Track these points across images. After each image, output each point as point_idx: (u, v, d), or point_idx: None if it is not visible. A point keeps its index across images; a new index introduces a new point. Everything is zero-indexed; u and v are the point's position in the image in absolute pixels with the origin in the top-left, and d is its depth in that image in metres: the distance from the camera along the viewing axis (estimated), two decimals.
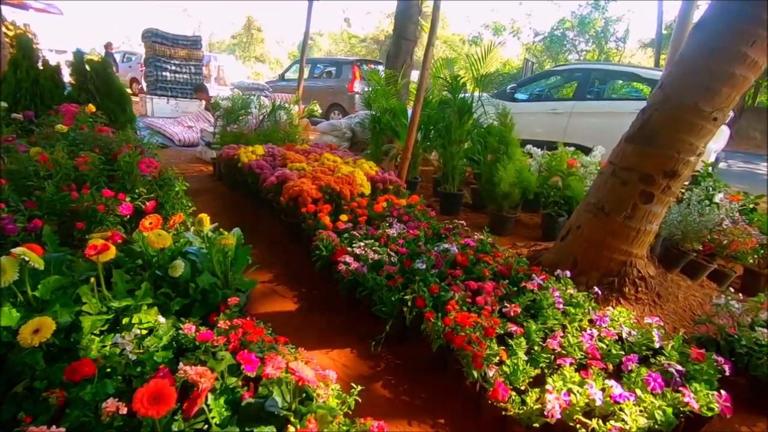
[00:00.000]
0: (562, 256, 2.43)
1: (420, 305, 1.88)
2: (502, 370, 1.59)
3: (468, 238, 2.50)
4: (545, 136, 5.82)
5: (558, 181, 3.34)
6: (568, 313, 1.92)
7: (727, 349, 1.77)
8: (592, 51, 21.86)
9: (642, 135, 2.22)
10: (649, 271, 2.30)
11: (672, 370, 1.58)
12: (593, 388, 1.44)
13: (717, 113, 2.07)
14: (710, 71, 2.04)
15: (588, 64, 7.33)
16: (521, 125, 6.10)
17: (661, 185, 2.18)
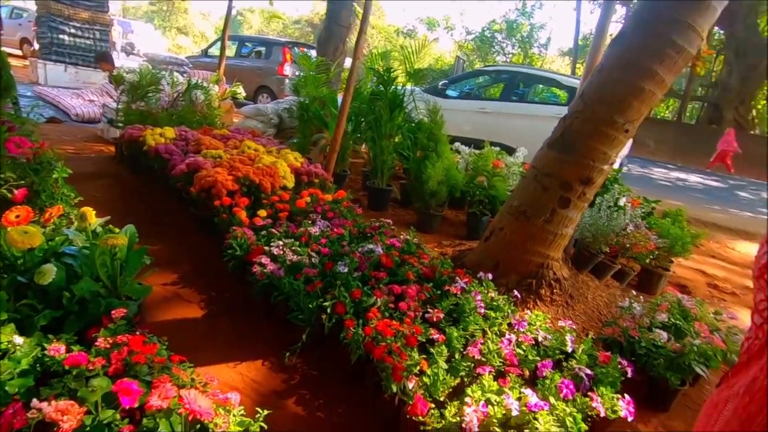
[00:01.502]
0: (485, 258, 2.45)
1: (340, 312, 1.76)
2: (422, 381, 1.53)
3: (394, 237, 2.42)
4: (474, 134, 5.94)
5: (483, 180, 3.40)
6: (488, 317, 1.92)
7: (629, 350, 1.87)
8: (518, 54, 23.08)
9: (562, 142, 2.29)
10: (564, 273, 2.40)
11: (582, 374, 1.63)
12: (510, 398, 1.43)
13: (628, 125, 2.18)
14: (624, 84, 2.13)
15: (514, 66, 7.65)
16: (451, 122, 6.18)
17: (577, 191, 2.26)
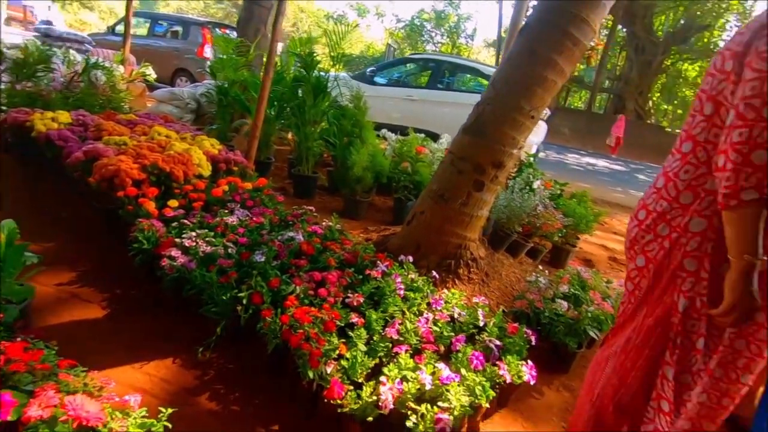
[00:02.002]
0: (407, 241, 2.50)
1: (257, 302, 1.71)
2: (340, 365, 1.54)
3: (316, 225, 2.39)
4: (402, 122, 6.02)
5: (408, 166, 3.47)
6: (408, 298, 1.97)
7: (535, 320, 2.03)
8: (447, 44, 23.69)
9: (476, 127, 2.39)
10: (480, 252, 2.53)
11: (492, 345, 1.74)
12: (424, 373, 1.48)
13: (534, 112, 2.33)
14: (529, 73, 2.27)
15: (440, 55, 7.84)
16: (380, 109, 6.23)
17: (490, 175, 2.38)
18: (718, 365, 1.09)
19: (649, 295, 1.18)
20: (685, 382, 1.16)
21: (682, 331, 1.11)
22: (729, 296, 0.99)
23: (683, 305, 1.09)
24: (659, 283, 1.15)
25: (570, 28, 2.21)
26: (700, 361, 1.12)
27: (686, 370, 1.15)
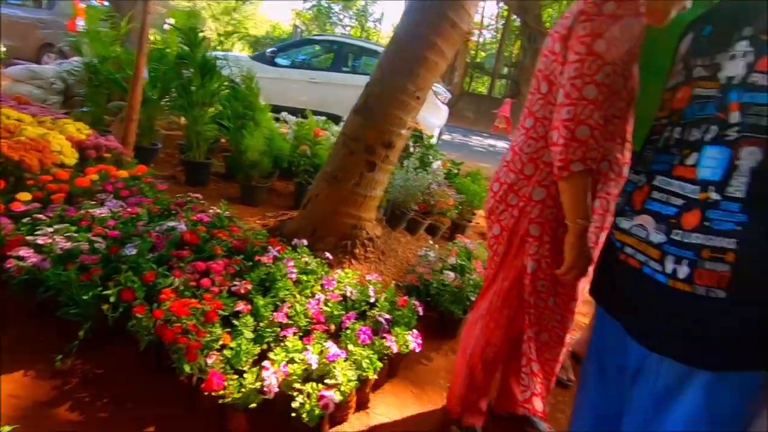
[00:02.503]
0: (303, 225, 2.47)
1: (128, 298, 1.57)
2: (224, 356, 1.48)
3: (203, 213, 2.25)
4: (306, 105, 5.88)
5: (306, 149, 3.40)
6: (301, 281, 1.95)
7: (425, 291, 2.14)
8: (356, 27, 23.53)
9: (365, 108, 2.41)
10: (377, 232, 2.58)
11: (381, 319, 1.80)
12: (310, 353, 1.49)
13: (419, 92, 2.41)
14: (413, 54, 2.33)
15: (343, 38, 7.74)
16: (282, 91, 6.03)
17: (381, 155, 2.42)
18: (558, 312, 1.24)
19: (505, 260, 1.30)
20: (544, 339, 1.29)
21: (533, 292, 1.24)
22: (568, 256, 1.11)
23: (531, 267, 1.22)
24: (512, 248, 1.27)
25: (448, 12, 2.30)
26: (553, 318, 1.27)
27: (544, 329, 1.28)
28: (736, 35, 0.82)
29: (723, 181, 0.78)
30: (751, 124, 0.76)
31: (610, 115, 1.08)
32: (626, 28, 1.00)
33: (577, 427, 1.14)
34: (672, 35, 1.05)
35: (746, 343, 0.77)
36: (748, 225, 0.75)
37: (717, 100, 0.83)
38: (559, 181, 1.09)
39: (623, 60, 1.02)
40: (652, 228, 0.88)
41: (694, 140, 0.86)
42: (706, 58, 0.88)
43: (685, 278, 0.80)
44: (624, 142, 1.15)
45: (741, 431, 0.80)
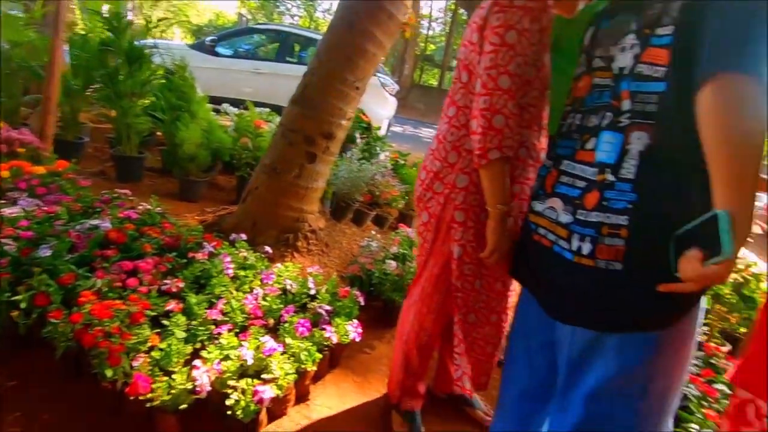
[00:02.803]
0: (243, 219, 2.41)
1: (42, 303, 1.45)
2: (152, 357, 1.42)
3: (132, 209, 2.13)
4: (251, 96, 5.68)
5: (248, 141, 3.30)
6: (239, 277, 1.90)
7: (368, 281, 2.15)
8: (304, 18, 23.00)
9: (303, 99, 2.37)
10: (320, 224, 2.56)
11: (321, 311, 1.79)
12: (245, 348, 1.46)
13: (358, 83, 2.40)
14: (350, 44, 2.31)
15: (289, 27, 7.54)
16: (223, 82, 5.79)
17: (321, 146, 2.40)
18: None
19: (434, 246, 1.33)
20: (471, 321, 1.33)
21: (460, 276, 1.28)
22: (490, 240, 1.15)
23: (457, 252, 1.25)
24: (439, 235, 1.30)
25: (384, 2, 2.30)
26: (479, 300, 1.31)
27: (471, 310, 1.33)
28: (626, 29, 0.88)
29: (617, 164, 0.83)
30: (638, 110, 0.82)
31: (525, 103, 1.13)
32: (536, 20, 1.04)
33: (504, 399, 1.20)
34: (583, 26, 1.10)
35: (642, 307, 0.84)
36: (637, 203, 0.81)
37: (611, 89, 0.88)
38: (479, 169, 1.13)
39: (534, 51, 1.06)
40: (560, 209, 0.93)
41: (592, 126, 0.91)
42: (603, 50, 0.93)
43: (589, 254, 0.85)
44: (540, 129, 1.21)
45: (646, 385, 0.88)
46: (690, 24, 0.76)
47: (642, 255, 0.81)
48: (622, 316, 0.86)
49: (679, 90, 0.75)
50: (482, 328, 1.31)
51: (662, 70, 0.79)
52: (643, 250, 0.81)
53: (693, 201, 0.77)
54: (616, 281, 0.83)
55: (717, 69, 0.68)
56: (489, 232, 1.15)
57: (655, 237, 0.79)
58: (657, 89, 0.80)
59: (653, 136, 0.80)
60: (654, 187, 0.80)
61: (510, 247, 1.17)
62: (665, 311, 0.84)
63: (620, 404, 0.89)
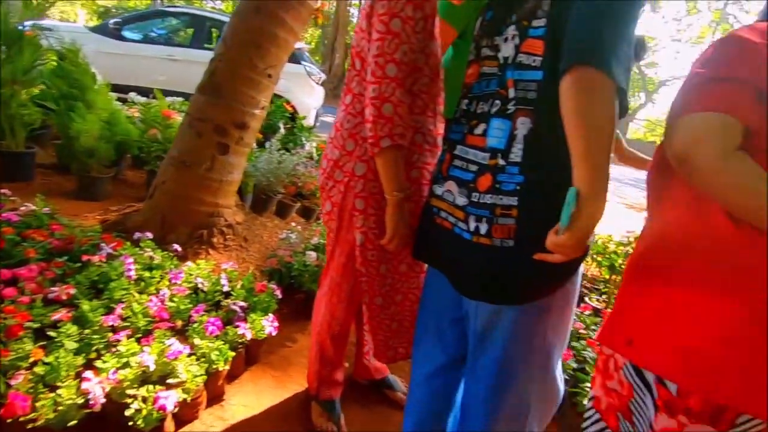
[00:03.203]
0: (151, 216, 2.24)
1: None
2: (35, 374, 1.28)
3: (13, 211, 1.89)
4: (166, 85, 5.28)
5: (156, 133, 3.07)
6: (144, 279, 1.77)
7: (288, 274, 2.11)
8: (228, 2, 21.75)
9: (211, 86, 2.24)
10: (237, 218, 2.46)
11: (235, 308, 1.72)
12: (146, 354, 1.36)
13: (270, 70, 2.31)
14: (259, 29, 2.21)
15: (203, 11, 7.08)
16: (133, 69, 5.34)
17: (234, 137, 2.29)
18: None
19: (339, 235, 1.32)
20: (378, 303, 1.34)
21: (364, 262, 1.28)
22: (389, 227, 1.16)
23: (360, 240, 1.25)
24: (343, 223, 1.29)
25: None
26: (385, 284, 1.32)
27: (378, 294, 1.33)
28: (507, 20, 0.92)
29: (506, 149, 0.88)
30: (521, 98, 0.87)
31: (416, 90, 1.15)
32: (419, 8, 1.05)
33: (417, 377, 1.22)
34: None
35: (533, 280, 0.91)
36: (524, 184, 0.86)
37: (498, 77, 0.93)
38: (374, 157, 1.13)
39: (419, 38, 1.07)
40: (456, 192, 0.97)
41: (481, 112, 0.96)
42: (489, 40, 0.98)
43: (485, 233, 0.90)
44: (435, 115, 1.23)
45: (543, 345, 0.98)
46: (559, 17, 0.81)
47: (530, 232, 0.86)
48: (518, 289, 0.93)
49: (554, 78, 0.79)
50: (388, 308, 1.33)
51: (539, 60, 0.85)
52: (531, 228, 0.86)
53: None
54: (510, 257, 0.89)
55: (572, 62, 0.73)
56: (387, 218, 1.16)
57: (541, 214, 0.85)
58: (535, 77, 0.85)
59: (535, 121, 0.86)
60: (537, 168, 0.86)
61: (411, 231, 1.18)
62: (553, 281, 0.92)
63: (523, 364, 0.98)
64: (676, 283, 0.77)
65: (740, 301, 0.70)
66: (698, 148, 0.69)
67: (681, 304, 0.75)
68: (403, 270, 1.30)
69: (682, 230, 0.79)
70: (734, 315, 0.70)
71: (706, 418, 0.73)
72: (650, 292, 0.81)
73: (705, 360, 0.71)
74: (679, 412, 0.75)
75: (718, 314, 0.71)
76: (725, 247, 0.72)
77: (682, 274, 0.77)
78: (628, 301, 0.86)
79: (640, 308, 0.82)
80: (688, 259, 0.77)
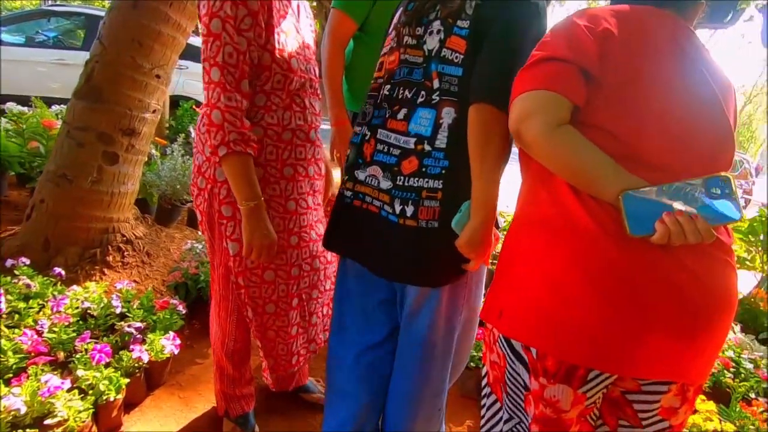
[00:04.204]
0: (31, 239, 2.00)
1: None
2: None
3: None
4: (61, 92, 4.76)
5: (38, 146, 2.75)
6: (18, 310, 1.57)
7: (195, 287, 1.98)
8: None
9: (89, 90, 2.03)
10: (137, 232, 2.27)
11: (130, 330, 1.58)
12: (11, 398, 1.20)
13: (158, 70, 2.14)
14: (140, 27, 2.04)
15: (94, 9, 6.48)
16: (16, 77, 4.76)
17: (123, 144, 2.10)
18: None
19: (214, 245, 1.23)
20: (271, 311, 1.27)
21: (243, 271, 1.19)
22: (245, 240, 1.09)
23: (233, 249, 1.16)
24: (215, 233, 1.20)
25: None
26: (276, 290, 1.25)
27: (268, 302, 1.26)
28: (432, 14, 0.95)
29: (432, 136, 0.94)
30: (445, 89, 0.93)
31: (268, 89, 1.09)
32: (239, 5, 0.98)
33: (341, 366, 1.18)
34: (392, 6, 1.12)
35: (456, 259, 0.97)
36: (449, 168, 0.93)
37: (423, 68, 0.96)
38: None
39: (251, 36, 1.01)
40: (380, 177, 0.99)
41: (403, 98, 0.98)
42: (413, 30, 0.98)
43: (411, 215, 0.95)
44: (305, 109, 1.19)
45: (462, 318, 1.07)
46: (480, 29, 0.89)
47: (453, 214, 0.93)
48: (443, 271, 0.99)
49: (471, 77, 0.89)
50: (285, 314, 1.27)
51: (461, 57, 0.91)
52: (453, 210, 0.93)
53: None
54: (435, 238, 0.95)
55: (475, 99, 0.86)
56: (243, 230, 1.09)
57: (462, 197, 0.92)
58: (456, 73, 0.92)
59: (458, 111, 0.92)
60: (462, 154, 0.90)
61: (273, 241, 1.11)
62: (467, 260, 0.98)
63: (448, 336, 1.07)
64: (531, 254, 0.81)
65: (578, 266, 0.74)
66: (527, 123, 0.75)
67: (533, 272, 0.79)
68: (296, 274, 1.25)
69: (529, 203, 0.85)
70: (574, 279, 0.74)
71: (561, 378, 0.77)
72: (513, 263, 0.85)
73: (552, 322, 0.75)
74: (540, 374, 0.79)
75: (560, 279, 0.75)
76: (567, 218, 0.76)
77: (533, 244, 0.81)
78: (499, 274, 0.89)
79: (507, 280, 0.86)
80: (539, 228, 0.81)
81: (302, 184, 1.18)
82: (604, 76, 0.75)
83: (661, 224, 0.68)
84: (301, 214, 1.21)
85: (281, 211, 1.18)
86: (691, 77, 0.77)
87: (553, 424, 0.81)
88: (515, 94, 0.79)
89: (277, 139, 1.12)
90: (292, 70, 1.11)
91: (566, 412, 0.80)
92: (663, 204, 0.69)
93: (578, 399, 0.78)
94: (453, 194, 0.93)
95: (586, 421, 0.84)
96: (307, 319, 1.34)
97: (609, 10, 0.80)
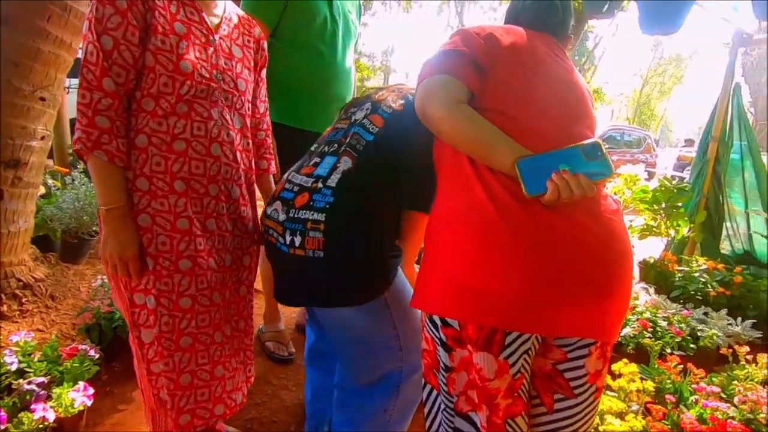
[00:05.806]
0: None
1: None
2: None
3: None
4: None
5: None
6: None
7: (110, 327, 1.80)
8: None
9: None
10: (36, 274, 2.03)
11: (31, 387, 1.40)
12: None
13: (42, 92, 1.93)
14: (13, 46, 1.82)
15: None
16: None
17: (7, 178, 1.87)
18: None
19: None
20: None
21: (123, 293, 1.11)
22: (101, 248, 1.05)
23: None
24: None
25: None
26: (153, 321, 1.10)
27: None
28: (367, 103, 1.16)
29: (326, 176, 1.05)
30: (352, 144, 1.08)
31: (155, 92, 1.02)
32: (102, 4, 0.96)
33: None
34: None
35: (347, 285, 1.05)
36: (333, 203, 1.01)
37: (343, 130, 1.13)
38: None
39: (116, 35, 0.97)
40: (279, 210, 1.08)
41: (321, 152, 1.13)
42: (348, 110, 1.21)
43: (299, 246, 1.02)
44: (208, 119, 1.07)
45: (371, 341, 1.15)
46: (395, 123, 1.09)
47: (337, 245, 1.00)
48: (330, 293, 1.07)
49: (377, 143, 1.07)
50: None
51: (377, 129, 1.09)
52: (337, 241, 1.00)
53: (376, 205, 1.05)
54: (321, 266, 1.02)
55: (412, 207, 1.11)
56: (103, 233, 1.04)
57: (344, 231, 1.01)
58: (368, 138, 1.08)
59: (355, 163, 1.05)
60: (346, 193, 1.01)
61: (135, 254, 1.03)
62: (372, 284, 1.06)
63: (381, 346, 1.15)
64: (447, 239, 0.87)
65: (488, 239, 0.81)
66: (429, 102, 0.87)
67: (450, 253, 0.86)
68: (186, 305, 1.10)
69: (442, 201, 0.93)
70: (486, 252, 0.81)
71: (481, 345, 0.83)
72: (432, 251, 0.91)
73: (469, 293, 0.81)
74: (467, 343, 0.85)
75: (472, 254, 0.82)
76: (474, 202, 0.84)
77: (448, 231, 0.88)
78: (423, 263, 0.95)
79: (428, 265, 0.93)
80: (450, 217, 0.88)
81: (200, 202, 1.10)
82: (492, 69, 0.90)
83: (551, 182, 0.78)
84: (196, 236, 1.10)
85: (169, 229, 1.07)
86: (562, 71, 0.97)
87: (480, 393, 0.85)
88: (420, 79, 0.91)
89: (167, 149, 1.04)
90: (181, 73, 1.03)
91: (491, 381, 0.84)
92: (551, 166, 0.80)
93: (502, 367, 0.83)
94: (335, 228, 1.00)
95: (520, 398, 0.88)
96: (207, 370, 1.17)
97: (497, 26, 0.98)
